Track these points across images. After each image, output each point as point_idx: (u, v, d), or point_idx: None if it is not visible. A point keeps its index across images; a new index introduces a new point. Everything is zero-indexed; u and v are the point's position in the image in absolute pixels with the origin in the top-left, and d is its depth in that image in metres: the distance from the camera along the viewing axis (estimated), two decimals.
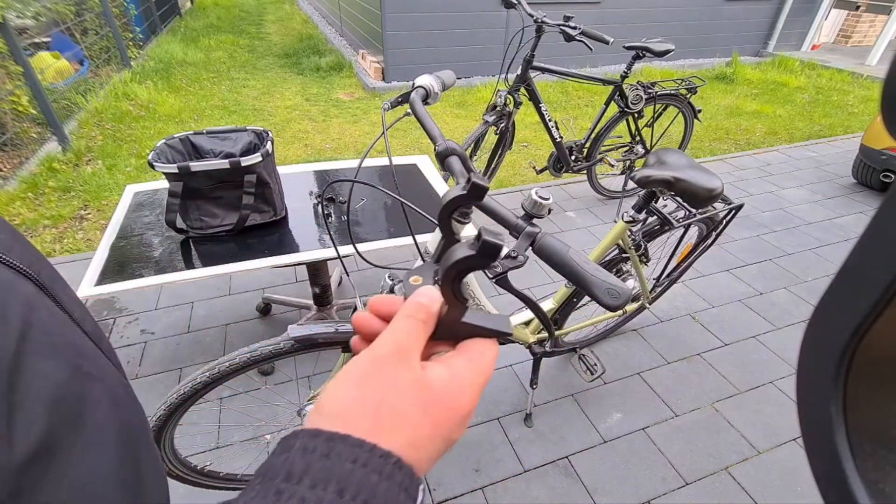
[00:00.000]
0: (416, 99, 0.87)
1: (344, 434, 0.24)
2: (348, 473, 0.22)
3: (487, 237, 0.29)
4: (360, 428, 0.24)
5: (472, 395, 0.28)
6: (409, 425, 0.25)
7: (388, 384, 0.26)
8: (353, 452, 0.23)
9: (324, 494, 0.21)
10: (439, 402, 0.27)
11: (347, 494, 0.21)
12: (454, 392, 0.28)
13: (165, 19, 7.04)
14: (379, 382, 0.26)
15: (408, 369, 0.27)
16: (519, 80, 2.40)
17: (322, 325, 1.06)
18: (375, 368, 0.27)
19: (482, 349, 0.31)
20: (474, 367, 0.30)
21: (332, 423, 0.24)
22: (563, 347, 1.69)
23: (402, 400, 0.26)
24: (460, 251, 0.30)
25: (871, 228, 0.24)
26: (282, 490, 0.21)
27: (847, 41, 7.61)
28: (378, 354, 0.27)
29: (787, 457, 1.58)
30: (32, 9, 3.89)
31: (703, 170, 1.35)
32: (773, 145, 4.05)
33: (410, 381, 0.27)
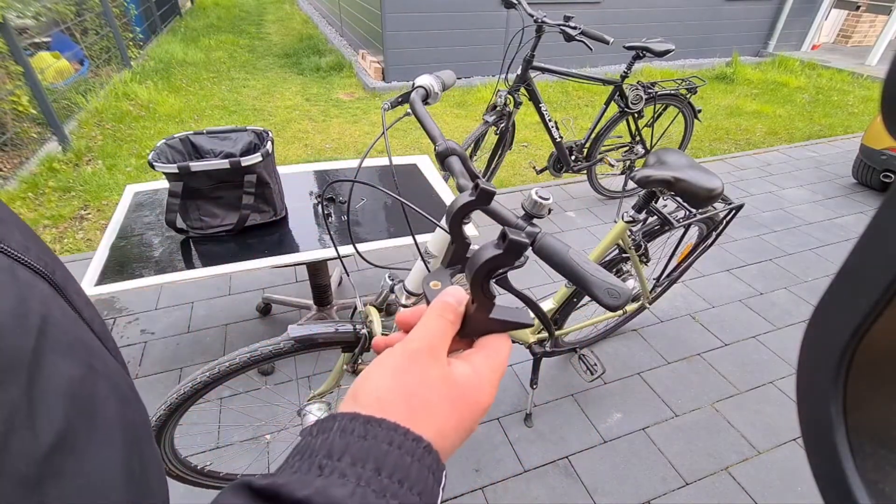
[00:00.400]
0: (416, 99, 0.87)
1: (380, 418, 0.25)
2: (384, 454, 0.24)
3: (513, 236, 0.31)
4: (395, 414, 0.26)
5: (491, 390, 0.31)
6: (439, 417, 0.28)
7: (421, 378, 0.28)
8: (388, 435, 0.25)
9: (362, 472, 0.23)
10: (464, 397, 0.29)
11: (384, 472, 0.23)
12: (476, 388, 0.30)
13: (165, 19, 7.04)
14: (412, 376, 0.28)
15: (437, 366, 0.29)
16: (519, 80, 2.41)
17: (322, 325, 1.06)
18: (409, 362, 0.29)
19: (498, 346, 0.33)
20: (492, 364, 0.32)
21: (369, 407, 0.26)
22: (564, 347, 1.69)
23: (433, 394, 0.28)
24: (488, 251, 0.32)
25: (871, 228, 0.24)
26: (323, 465, 0.23)
27: (847, 41, 7.61)
28: (411, 349, 0.29)
29: (787, 457, 1.58)
30: (33, 9, 3.89)
31: (703, 170, 1.35)
32: (773, 145, 4.05)
33: (440, 377, 0.29)
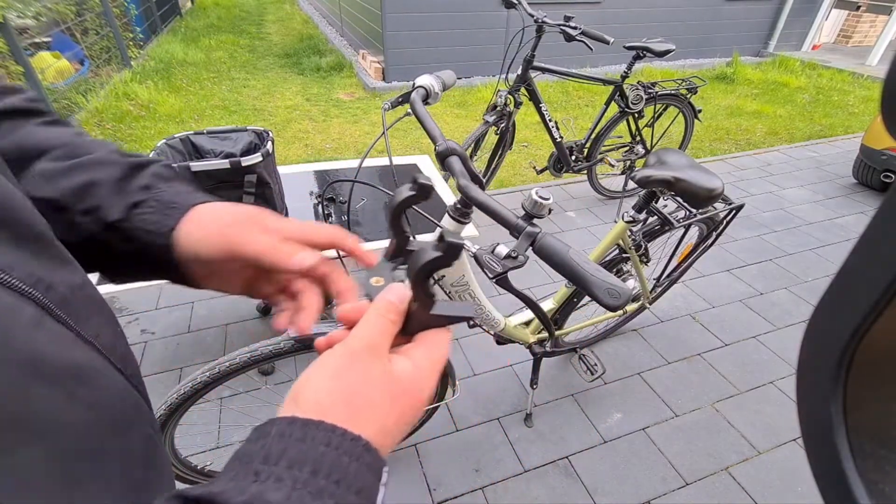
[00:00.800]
0: (416, 99, 0.87)
1: (318, 420, 0.26)
2: (321, 455, 0.24)
3: (450, 239, 0.32)
4: (335, 416, 0.26)
5: (431, 382, 0.32)
6: (380, 413, 0.28)
7: (362, 377, 0.29)
8: (326, 437, 0.25)
9: (299, 474, 0.23)
10: (405, 392, 0.30)
11: (321, 474, 0.24)
12: (416, 382, 0.31)
13: (166, 19, 7.04)
14: (353, 375, 0.28)
15: (379, 364, 0.30)
16: (519, 80, 2.40)
17: (322, 325, 1.06)
18: (350, 362, 0.29)
19: (438, 340, 0.34)
20: (432, 357, 0.33)
21: (309, 411, 0.26)
22: (564, 347, 1.69)
23: (374, 391, 0.28)
24: (427, 254, 0.33)
25: (872, 228, 0.24)
26: (259, 471, 0.23)
27: (847, 41, 7.60)
28: (353, 348, 0.30)
29: (787, 457, 1.58)
30: (33, 9, 3.89)
31: (703, 170, 1.35)
32: (773, 145, 4.05)
33: (381, 374, 0.29)
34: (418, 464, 1.51)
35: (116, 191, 0.36)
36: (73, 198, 0.35)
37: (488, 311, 1.24)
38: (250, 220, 0.39)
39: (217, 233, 0.37)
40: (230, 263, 0.38)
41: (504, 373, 1.84)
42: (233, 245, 0.37)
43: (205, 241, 0.37)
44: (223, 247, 0.37)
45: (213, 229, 0.38)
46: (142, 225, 0.36)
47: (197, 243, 0.37)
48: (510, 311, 1.50)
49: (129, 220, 0.36)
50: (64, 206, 0.34)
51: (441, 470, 1.50)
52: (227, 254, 0.37)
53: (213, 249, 0.37)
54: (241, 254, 0.37)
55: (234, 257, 0.37)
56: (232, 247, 0.37)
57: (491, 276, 0.75)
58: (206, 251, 0.37)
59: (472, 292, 1.15)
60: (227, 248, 0.37)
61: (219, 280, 0.41)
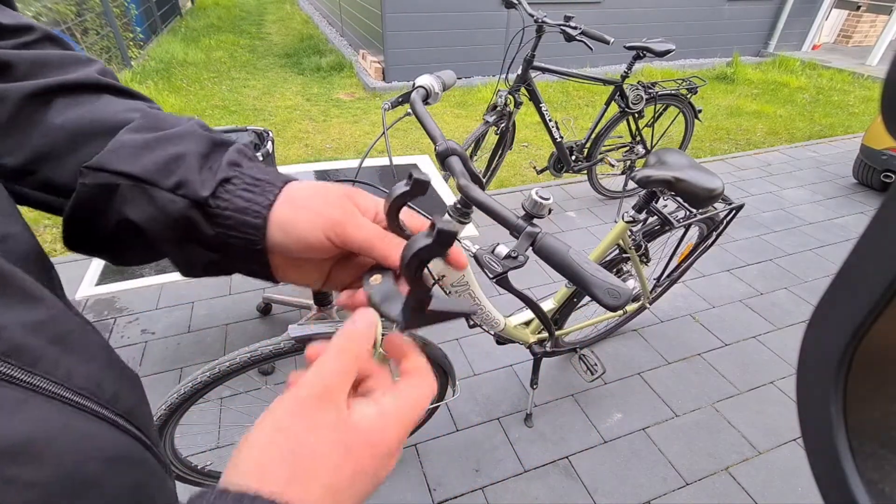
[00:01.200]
0: (416, 99, 0.87)
1: (253, 494, 0.22)
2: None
3: (442, 226, 0.30)
4: (275, 480, 0.23)
5: (398, 433, 0.27)
6: (328, 468, 0.25)
7: (308, 426, 0.25)
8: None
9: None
10: (365, 443, 0.26)
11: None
12: (380, 430, 0.27)
13: (166, 19, 7.04)
14: (298, 426, 0.25)
15: (329, 411, 0.26)
16: (519, 80, 2.41)
17: (322, 325, 1.06)
18: (296, 411, 0.25)
19: (417, 383, 0.30)
20: (405, 402, 0.28)
21: (248, 475, 0.23)
22: (564, 347, 1.69)
23: (321, 443, 0.25)
24: (419, 242, 0.31)
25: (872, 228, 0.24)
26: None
27: (848, 41, 7.60)
28: (301, 396, 0.26)
29: (788, 457, 1.58)
30: (33, 9, 3.89)
31: (703, 170, 1.35)
32: (773, 145, 4.05)
33: (332, 423, 0.25)
34: (418, 464, 1.52)
35: (204, 166, 0.32)
36: (158, 173, 0.31)
37: (488, 311, 1.24)
38: (349, 199, 0.35)
39: (317, 213, 0.33)
40: (319, 250, 0.34)
41: (504, 373, 1.84)
42: (336, 228, 0.33)
43: (303, 223, 0.33)
44: (325, 229, 0.33)
45: (312, 208, 0.33)
46: (235, 202, 0.32)
47: (293, 224, 0.33)
48: (510, 311, 1.50)
49: (220, 197, 0.32)
50: (148, 181, 0.31)
51: (441, 470, 1.50)
52: (327, 237, 0.33)
53: (310, 232, 0.33)
54: (346, 239, 0.33)
55: (336, 242, 0.33)
56: (335, 229, 0.33)
57: (491, 276, 0.75)
58: (302, 233, 0.33)
59: (472, 292, 1.15)
60: (330, 231, 0.33)
61: (297, 271, 0.37)
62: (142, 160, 0.31)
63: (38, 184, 0.31)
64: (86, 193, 0.31)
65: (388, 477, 1.38)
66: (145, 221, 0.31)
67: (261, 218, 0.32)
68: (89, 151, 0.31)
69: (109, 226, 0.32)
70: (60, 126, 0.31)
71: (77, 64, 0.34)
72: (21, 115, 0.31)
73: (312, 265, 0.37)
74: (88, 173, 0.30)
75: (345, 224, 0.33)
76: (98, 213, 0.31)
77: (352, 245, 0.33)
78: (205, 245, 0.33)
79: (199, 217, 0.32)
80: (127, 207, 0.31)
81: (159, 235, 0.32)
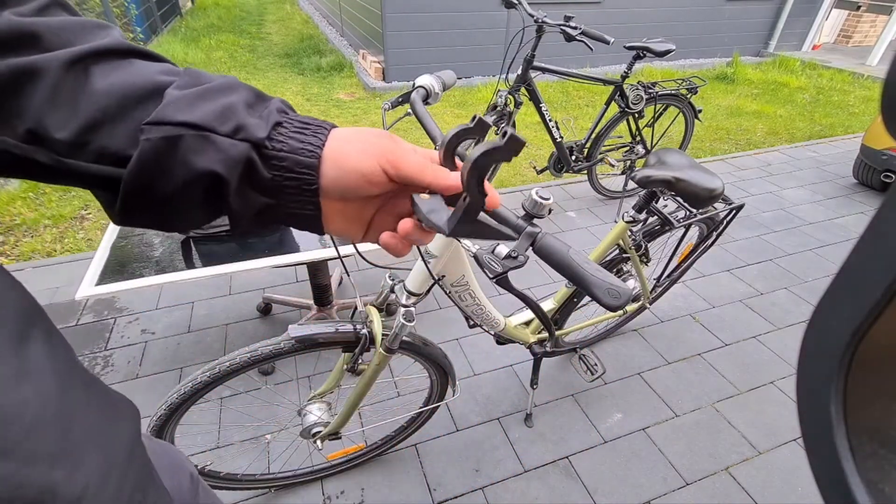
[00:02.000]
0: (416, 99, 0.87)
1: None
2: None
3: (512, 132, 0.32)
4: None
5: None
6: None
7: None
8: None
9: None
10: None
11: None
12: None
13: (166, 19, 7.04)
14: None
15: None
16: (519, 80, 2.41)
17: (322, 325, 1.06)
18: None
19: None
20: None
21: None
22: (564, 347, 1.69)
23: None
24: (488, 145, 0.32)
25: (872, 228, 0.24)
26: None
27: (848, 41, 7.60)
28: None
29: (788, 457, 1.58)
30: None
31: (703, 170, 1.35)
32: (773, 145, 4.05)
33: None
34: (418, 464, 1.52)
35: (254, 113, 0.34)
36: (216, 121, 0.32)
37: (488, 311, 1.24)
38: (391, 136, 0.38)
39: (369, 143, 0.36)
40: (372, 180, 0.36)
41: (504, 373, 1.84)
42: (388, 155, 0.36)
43: (356, 154, 0.35)
44: (378, 157, 0.36)
45: (363, 140, 0.36)
46: (290, 143, 0.34)
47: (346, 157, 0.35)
48: (510, 311, 1.50)
49: (275, 139, 0.34)
50: (209, 128, 0.32)
51: (441, 470, 1.50)
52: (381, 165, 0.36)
53: (364, 162, 0.35)
54: (398, 164, 0.36)
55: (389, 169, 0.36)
56: (387, 156, 0.36)
57: (491, 276, 0.75)
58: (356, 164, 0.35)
59: (473, 292, 1.15)
60: (383, 158, 0.36)
61: (343, 219, 0.39)
62: (199, 110, 0.32)
63: (94, 155, 0.31)
64: (149, 151, 0.31)
65: (388, 476, 1.37)
66: (212, 166, 0.32)
67: (315, 157, 0.34)
68: (140, 114, 0.31)
69: (171, 186, 0.32)
70: (106, 92, 0.31)
71: (97, 29, 0.34)
72: (64, 85, 0.30)
73: (358, 210, 0.40)
74: (150, 129, 0.31)
75: (396, 150, 0.36)
76: (161, 171, 0.31)
77: (405, 170, 0.36)
78: (260, 190, 0.34)
79: (257, 160, 0.33)
80: (193, 157, 0.31)
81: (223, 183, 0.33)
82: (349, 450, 1.47)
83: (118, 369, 1.77)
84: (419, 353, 1.19)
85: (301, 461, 1.48)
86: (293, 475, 1.43)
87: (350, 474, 1.48)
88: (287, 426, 1.56)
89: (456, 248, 1.02)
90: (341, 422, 1.24)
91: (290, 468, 1.44)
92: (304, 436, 1.22)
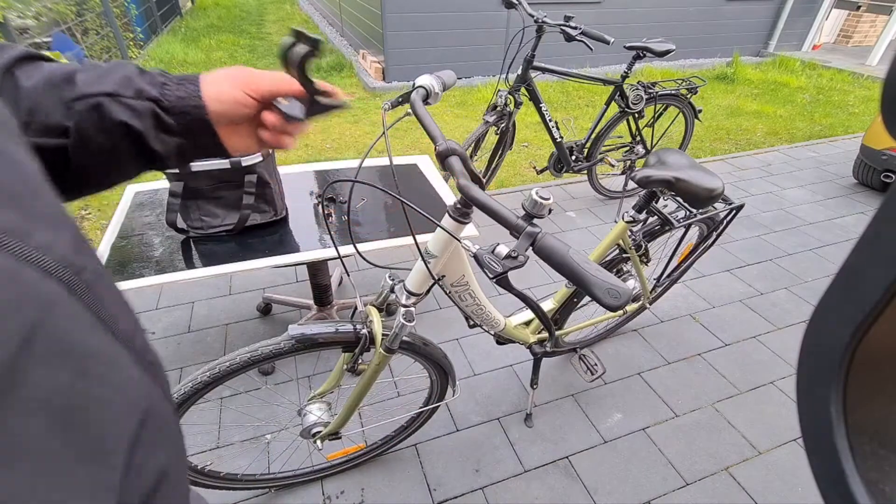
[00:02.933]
0: (416, 99, 0.87)
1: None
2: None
3: (305, 32, 0.47)
4: None
5: None
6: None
7: None
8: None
9: None
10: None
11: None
12: None
13: (166, 19, 7.04)
14: None
15: None
16: (519, 80, 2.41)
17: (322, 325, 1.06)
18: None
19: None
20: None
21: None
22: (564, 347, 1.69)
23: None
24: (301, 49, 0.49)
25: (872, 229, 0.24)
26: None
27: (848, 41, 7.60)
28: None
29: (788, 457, 1.58)
30: (33, 9, 3.89)
31: (703, 170, 1.35)
32: (773, 145, 4.05)
33: None
34: (418, 464, 1.52)
35: (143, 81, 0.45)
36: (122, 88, 0.43)
37: (488, 311, 1.24)
38: (245, 68, 0.50)
39: (232, 77, 0.48)
40: (245, 104, 0.48)
41: (504, 373, 1.84)
42: (247, 80, 0.48)
43: (227, 88, 0.47)
44: (241, 86, 0.48)
45: (227, 76, 0.48)
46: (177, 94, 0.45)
47: (220, 91, 0.47)
48: (510, 311, 1.50)
49: (165, 96, 0.45)
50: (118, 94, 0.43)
51: (441, 470, 1.50)
52: (244, 91, 0.48)
53: (233, 92, 0.47)
54: (257, 86, 0.48)
55: (252, 92, 0.48)
56: (247, 82, 0.48)
57: (491, 276, 0.75)
58: (229, 95, 0.47)
59: (472, 292, 1.15)
60: (244, 85, 0.48)
61: (237, 137, 0.51)
62: (107, 82, 0.43)
63: (39, 131, 0.41)
64: (82, 116, 0.42)
65: (388, 476, 1.37)
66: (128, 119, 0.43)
67: (197, 97, 0.46)
68: (64, 94, 0.41)
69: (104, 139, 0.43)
70: (33, 87, 0.41)
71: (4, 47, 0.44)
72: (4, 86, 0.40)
73: (245, 129, 0.52)
74: (77, 102, 0.41)
75: (252, 76, 0.49)
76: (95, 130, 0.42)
77: (262, 87, 0.49)
78: (171, 133, 0.46)
79: (160, 112, 0.45)
80: (112, 115, 0.42)
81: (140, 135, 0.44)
82: (349, 450, 1.47)
83: None
84: (419, 353, 1.19)
85: (301, 461, 1.48)
86: (293, 475, 1.43)
87: (350, 474, 1.48)
88: (287, 426, 1.56)
89: (456, 248, 1.02)
90: (341, 422, 1.24)
91: (290, 468, 1.44)
92: (304, 436, 1.22)
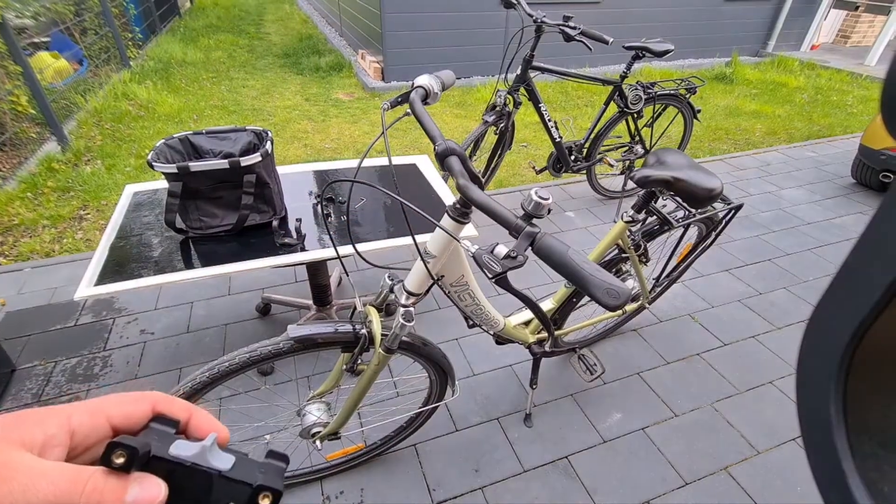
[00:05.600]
0: (415, 99, 0.87)
1: None
2: None
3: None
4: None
5: None
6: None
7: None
8: None
9: None
10: None
11: None
12: None
13: (165, 19, 7.03)
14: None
15: None
16: (518, 80, 2.40)
17: (322, 326, 1.06)
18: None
19: None
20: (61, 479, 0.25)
21: None
22: (563, 347, 1.69)
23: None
24: None
25: (871, 228, 0.24)
26: None
27: (846, 41, 7.61)
28: None
29: (787, 457, 1.58)
30: (32, 8, 3.88)
31: (702, 170, 1.35)
32: (772, 145, 4.05)
33: None
34: (418, 464, 1.51)
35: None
36: None
37: (487, 310, 1.24)
38: None
39: None
40: None
41: (504, 373, 1.84)
42: None
43: None
44: None
45: None
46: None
47: None
48: (509, 311, 1.50)
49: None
50: None
51: (441, 470, 1.50)
52: None
53: None
54: None
55: None
56: None
57: (490, 276, 0.75)
58: None
59: (472, 292, 1.15)
60: None
61: None
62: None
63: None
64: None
65: (387, 476, 1.37)
66: None
67: None
68: None
69: None
70: None
71: None
72: None
73: None
74: None
75: None
76: None
77: None
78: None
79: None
80: None
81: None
82: (348, 450, 1.47)
83: (117, 370, 1.77)
84: (418, 353, 1.19)
85: (300, 461, 1.48)
86: (292, 475, 1.43)
87: (349, 474, 1.48)
88: (286, 426, 1.56)
89: (455, 248, 1.01)
90: (341, 422, 1.24)
91: (289, 468, 1.44)
92: (304, 436, 1.22)
